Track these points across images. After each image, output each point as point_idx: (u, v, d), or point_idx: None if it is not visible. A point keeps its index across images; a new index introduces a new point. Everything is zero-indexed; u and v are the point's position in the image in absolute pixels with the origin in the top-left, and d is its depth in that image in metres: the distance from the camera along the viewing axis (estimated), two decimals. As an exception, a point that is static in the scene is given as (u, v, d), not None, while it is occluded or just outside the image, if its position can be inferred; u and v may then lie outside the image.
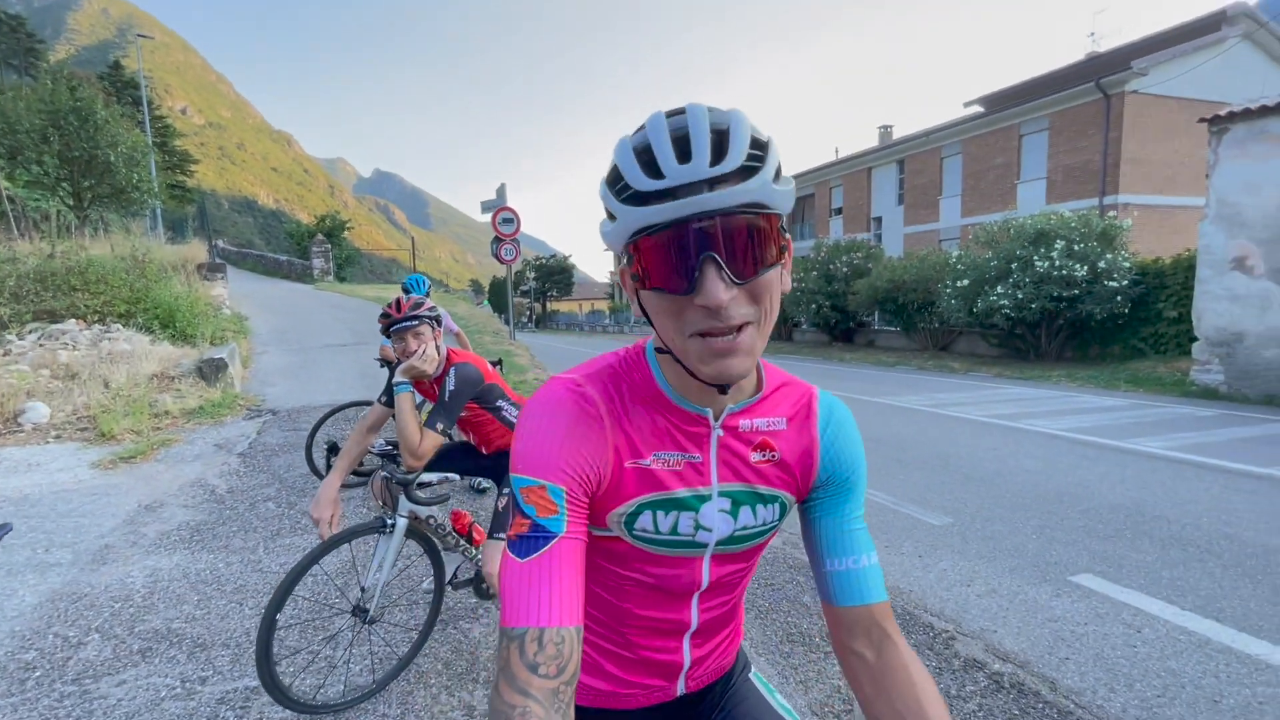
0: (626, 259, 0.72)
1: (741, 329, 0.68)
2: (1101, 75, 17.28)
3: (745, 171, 0.65)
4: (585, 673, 0.92)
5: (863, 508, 0.88)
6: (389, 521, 2.32)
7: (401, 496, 2.35)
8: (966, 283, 14.18)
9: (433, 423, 2.28)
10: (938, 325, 16.87)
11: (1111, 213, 15.22)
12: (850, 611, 0.82)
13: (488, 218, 11.80)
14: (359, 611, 2.30)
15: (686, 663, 0.92)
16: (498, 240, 11.43)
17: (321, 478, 4.70)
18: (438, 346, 2.52)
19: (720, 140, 0.65)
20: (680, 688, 0.94)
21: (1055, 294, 12.59)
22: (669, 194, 0.64)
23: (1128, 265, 12.45)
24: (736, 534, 0.84)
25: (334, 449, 4.43)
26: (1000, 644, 2.80)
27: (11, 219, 11.39)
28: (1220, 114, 9.50)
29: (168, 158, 29.03)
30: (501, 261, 11.52)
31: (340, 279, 28.81)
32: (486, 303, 23.84)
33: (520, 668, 0.64)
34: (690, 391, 0.79)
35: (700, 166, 0.63)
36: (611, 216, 0.70)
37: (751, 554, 0.88)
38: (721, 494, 0.82)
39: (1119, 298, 12.36)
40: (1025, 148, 19.69)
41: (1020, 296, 12.93)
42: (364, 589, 2.31)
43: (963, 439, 6.81)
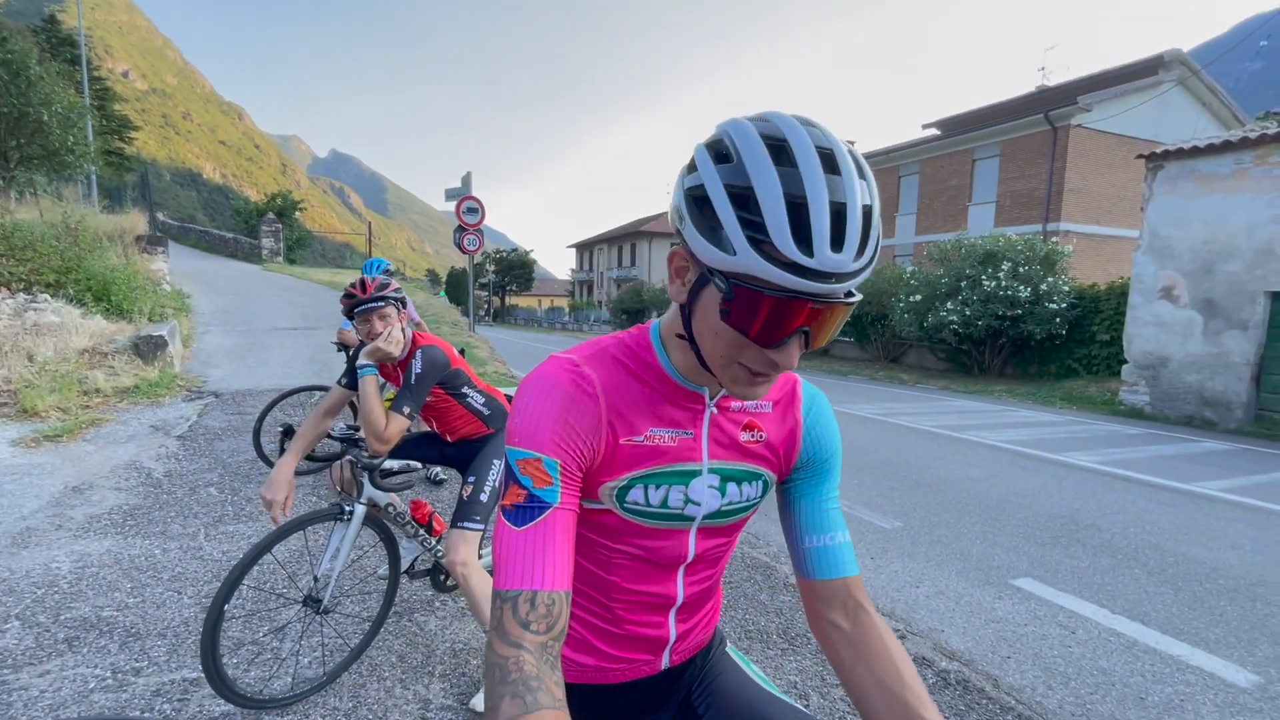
0: (722, 286, 0.66)
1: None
2: (1050, 108, 18.25)
3: (866, 265, 0.65)
4: (574, 649, 0.93)
5: (838, 489, 0.92)
6: (347, 508, 2.23)
7: (366, 483, 2.27)
8: (919, 298, 14.70)
9: (399, 406, 2.20)
10: (890, 338, 17.43)
11: (1054, 238, 16.04)
12: (827, 585, 0.86)
13: (450, 206, 11.57)
14: (311, 601, 2.21)
15: (672, 637, 0.95)
16: (461, 229, 11.22)
17: (270, 464, 4.49)
18: (403, 329, 2.44)
19: (867, 224, 0.64)
20: (665, 661, 0.96)
21: (1000, 313, 13.19)
22: (809, 273, 0.62)
23: (1067, 289, 13.14)
24: (723, 509, 0.87)
25: (289, 432, 4.24)
26: (947, 643, 2.91)
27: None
28: (1156, 151, 10.14)
29: (106, 122, 27.25)
30: (464, 251, 11.31)
31: (290, 261, 27.69)
32: (443, 293, 23.35)
33: (513, 624, 0.67)
34: (692, 373, 0.82)
35: (847, 261, 0.63)
36: (716, 229, 0.65)
37: (734, 529, 0.92)
38: (711, 470, 0.85)
39: (1058, 319, 13.03)
40: (978, 172, 20.56)
41: (968, 313, 13.49)
42: (317, 578, 2.23)
43: (912, 447, 7.05)
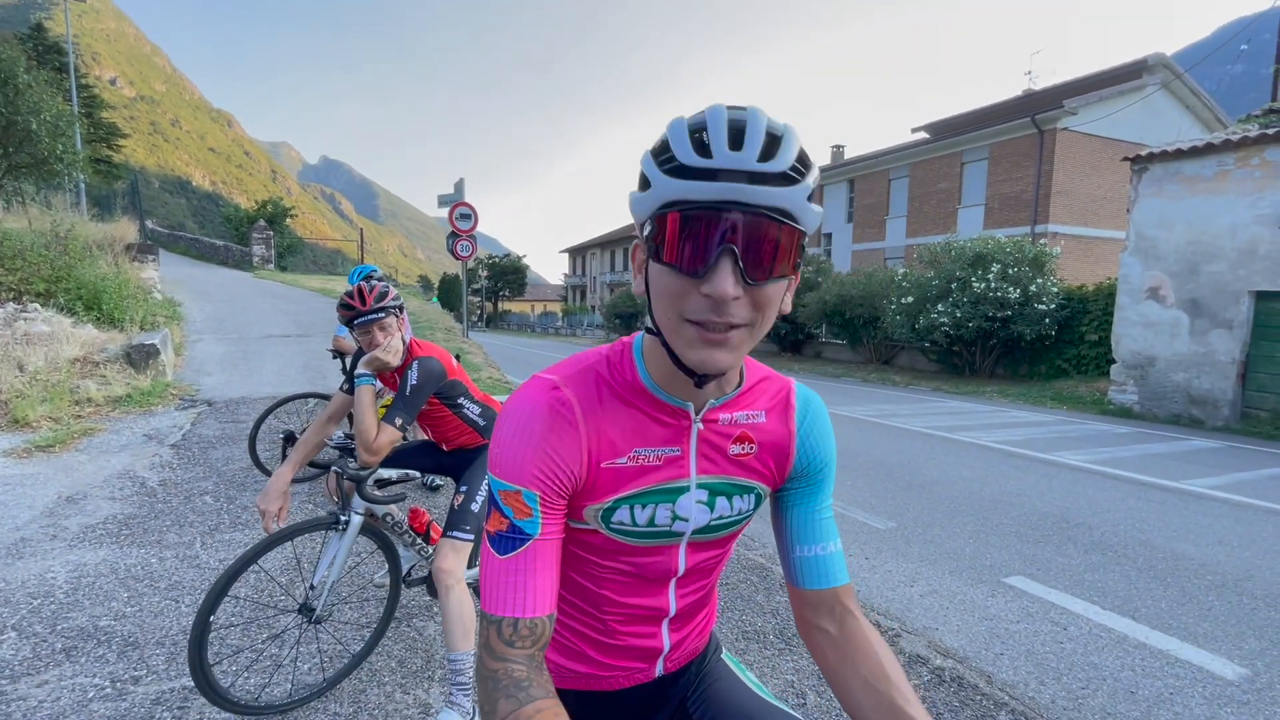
0: (649, 230, 0.70)
1: (734, 328, 0.69)
2: (1036, 111, 18.47)
3: (787, 179, 0.65)
4: (567, 658, 0.94)
5: (831, 497, 0.91)
6: (342, 518, 2.23)
7: (356, 493, 2.27)
8: (910, 300, 14.80)
9: (391, 417, 2.19)
10: (882, 340, 17.53)
11: (1042, 240, 16.22)
12: (817, 594, 0.86)
13: (443, 212, 11.58)
14: (306, 610, 2.20)
15: (665, 647, 0.95)
16: (454, 235, 11.23)
17: (266, 472, 4.48)
18: (402, 337, 2.45)
19: (773, 142, 0.66)
20: (659, 669, 0.97)
21: (990, 314, 13.30)
22: (711, 174, 0.64)
23: (1055, 290, 13.27)
24: (713, 523, 0.86)
25: (290, 439, 4.21)
26: (941, 641, 2.95)
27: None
28: (1141, 154, 10.29)
29: (94, 130, 27.04)
30: (457, 257, 11.32)
31: (282, 268, 27.54)
32: (435, 299, 23.32)
33: (499, 644, 0.72)
34: (674, 386, 0.80)
35: (749, 158, 0.64)
36: (646, 185, 0.69)
37: (726, 541, 0.91)
38: (699, 486, 0.83)
39: (1047, 320, 13.15)
40: (966, 175, 20.77)
41: (959, 315, 13.59)
42: (312, 587, 2.23)
43: (905, 448, 7.11)
